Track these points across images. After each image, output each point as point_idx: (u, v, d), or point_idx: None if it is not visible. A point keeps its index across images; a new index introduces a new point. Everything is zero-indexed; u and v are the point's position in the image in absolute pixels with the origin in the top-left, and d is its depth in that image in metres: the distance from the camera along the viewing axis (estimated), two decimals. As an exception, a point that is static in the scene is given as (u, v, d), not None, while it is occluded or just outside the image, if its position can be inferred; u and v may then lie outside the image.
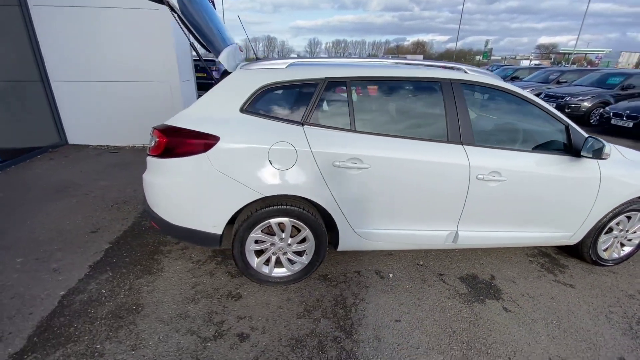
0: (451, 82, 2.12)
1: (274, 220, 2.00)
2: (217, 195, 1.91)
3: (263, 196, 1.90)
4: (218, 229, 1.97)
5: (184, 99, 5.33)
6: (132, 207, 3.23)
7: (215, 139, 1.83)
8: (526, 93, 2.26)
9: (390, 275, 2.41)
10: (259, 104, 1.95)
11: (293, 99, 2.01)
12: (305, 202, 2.04)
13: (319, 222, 2.05)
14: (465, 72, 2.22)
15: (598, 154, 2.11)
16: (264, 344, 1.77)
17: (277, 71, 1.99)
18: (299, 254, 2.17)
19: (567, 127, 2.26)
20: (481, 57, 42.63)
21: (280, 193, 1.91)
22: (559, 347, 1.84)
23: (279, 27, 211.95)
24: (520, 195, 2.23)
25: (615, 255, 2.66)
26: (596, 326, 2.02)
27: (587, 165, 2.26)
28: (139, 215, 3.08)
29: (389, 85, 2.15)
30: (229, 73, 2.91)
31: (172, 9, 1.79)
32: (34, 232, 2.70)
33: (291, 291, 2.18)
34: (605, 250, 2.61)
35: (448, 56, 53.01)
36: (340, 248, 2.22)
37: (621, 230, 2.57)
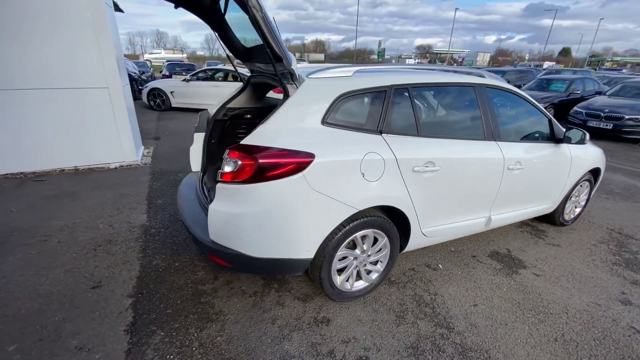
0: (481, 86, 2.40)
1: (359, 234, 1.95)
2: (313, 216, 1.74)
3: (357, 211, 1.82)
4: (310, 253, 1.81)
5: (127, 107, 4.46)
6: (124, 247, 2.61)
7: (311, 156, 1.66)
8: (524, 93, 2.72)
9: (440, 266, 2.60)
10: (338, 114, 1.84)
11: (366, 108, 1.97)
12: (384, 211, 2.04)
13: (394, 228, 2.08)
14: (484, 77, 2.54)
15: (582, 140, 2.71)
16: (384, 358, 1.73)
17: (348, 79, 1.91)
18: (374, 263, 2.16)
19: (550, 120, 2.81)
20: (376, 56, 47.19)
21: (373, 205, 1.87)
22: (586, 295, 2.33)
23: (168, 21, 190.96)
24: (530, 179, 2.68)
25: (572, 216, 3.44)
26: (593, 272, 2.62)
27: (564, 150, 2.87)
28: (141, 255, 2.52)
29: (439, 90, 2.30)
30: (250, 80, 2.65)
31: (251, 9, 1.52)
32: (7, 306, 1.95)
33: (370, 302, 2.15)
34: (567, 213, 3.35)
35: (349, 55, 57.03)
36: (406, 250, 2.29)
37: (577, 197, 3.34)
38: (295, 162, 1.64)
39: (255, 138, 1.67)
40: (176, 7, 2.34)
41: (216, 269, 2.40)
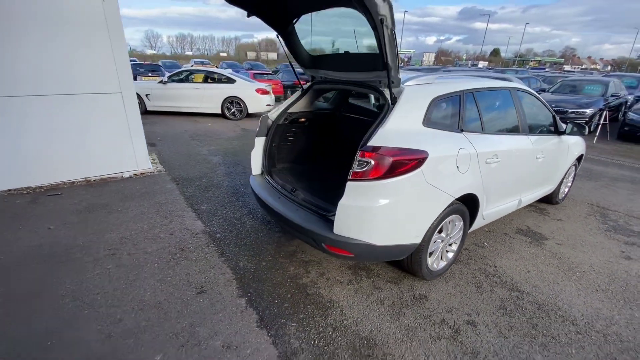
0: (514, 89, 2.87)
1: (447, 219, 2.26)
2: (425, 206, 2.02)
3: (454, 199, 2.14)
4: (419, 239, 2.08)
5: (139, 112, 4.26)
6: (200, 253, 2.62)
7: (426, 153, 1.93)
8: (536, 93, 3.26)
9: (486, 244, 3.03)
10: (432, 116, 2.14)
11: (449, 110, 2.28)
12: (462, 198, 2.38)
13: (467, 213, 2.44)
14: (512, 82, 3.01)
15: (581, 131, 3.32)
16: (486, 319, 2.07)
17: (435, 85, 2.22)
18: (450, 245, 2.50)
19: (554, 116, 3.41)
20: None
21: (464, 193, 2.19)
22: (598, 255, 2.92)
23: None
24: (546, 166, 3.24)
25: (563, 196, 4.15)
26: (595, 238, 3.25)
27: (564, 139, 3.49)
28: (223, 258, 2.56)
29: (491, 94, 2.70)
30: (313, 86, 2.82)
31: (385, 28, 1.71)
32: (123, 320, 1.92)
33: (449, 279, 2.49)
34: (560, 193, 4.03)
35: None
36: (469, 232, 2.67)
37: (567, 179, 4.04)
38: (416, 159, 1.90)
39: (379, 139, 1.89)
40: (249, 16, 2.44)
41: (304, 264, 2.55)
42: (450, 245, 2.51)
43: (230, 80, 9.03)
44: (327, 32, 2.54)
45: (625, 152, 7.06)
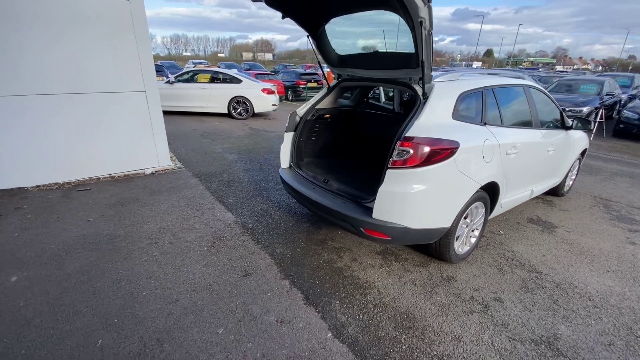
0: (527, 86, 3.07)
1: (472, 206, 2.45)
2: (455, 192, 2.20)
3: (480, 186, 2.32)
4: (449, 222, 2.26)
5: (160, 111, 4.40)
6: (237, 241, 2.77)
7: (457, 143, 2.11)
8: (546, 90, 3.47)
9: (501, 232, 3.23)
10: (459, 110, 2.32)
11: (473, 105, 2.47)
12: (486, 186, 2.57)
13: (489, 200, 2.62)
14: (525, 79, 3.22)
15: (586, 126, 3.54)
16: (511, 296, 2.25)
17: (460, 82, 2.40)
18: (473, 230, 2.68)
19: (561, 112, 3.62)
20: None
21: (488, 181, 2.38)
22: (606, 241, 3.13)
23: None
24: (555, 159, 3.45)
25: (567, 188, 4.37)
26: (601, 226, 3.47)
27: (570, 134, 3.70)
28: (260, 246, 2.72)
29: (508, 90, 2.89)
30: (340, 84, 2.98)
31: (424, 29, 1.88)
32: (179, 300, 2.06)
33: (472, 262, 2.67)
34: (566, 185, 4.25)
35: (299, 55, 57.54)
36: (489, 218, 2.86)
37: (572, 172, 4.26)
38: (449, 149, 2.08)
39: (416, 130, 2.06)
40: (283, 17, 2.61)
41: (335, 250, 2.72)
42: (473, 231, 2.69)
43: (237, 81, 9.17)
44: (356, 32, 2.70)
45: (622, 148, 7.35)
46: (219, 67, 17.69)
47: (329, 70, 3.23)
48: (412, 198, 2.07)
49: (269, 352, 1.73)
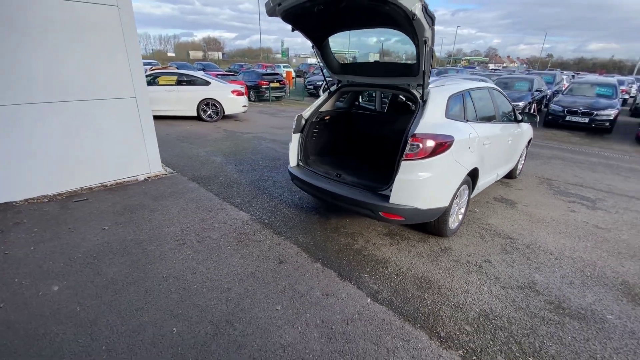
0: (491, 88, 3.73)
1: (461, 188, 2.99)
2: (452, 176, 2.70)
3: (468, 171, 2.86)
4: (447, 202, 2.76)
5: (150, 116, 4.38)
6: (261, 235, 3.02)
7: (453, 138, 2.61)
8: (501, 90, 4.19)
9: (476, 210, 3.86)
10: (449, 110, 2.83)
11: (457, 105, 3.00)
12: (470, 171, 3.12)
13: (471, 183, 3.20)
14: (487, 82, 3.88)
15: (532, 119, 4.34)
16: (496, 257, 2.83)
17: (447, 86, 2.91)
18: (459, 208, 3.24)
19: (514, 108, 4.39)
20: (281, 55, 48.42)
21: (472, 167, 2.93)
22: (556, 212, 3.92)
23: None
24: (512, 147, 4.19)
25: (519, 171, 5.24)
26: (549, 200, 4.29)
27: (521, 126, 4.50)
28: (282, 237, 3.00)
29: (477, 91, 3.48)
30: (341, 88, 3.35)
31: (427, 46, 2.31)
32: (231, 289, 2.28)
33: (460, 235, 3.23)
34: (518, 169, 5.10)
35: (251, 54, 56.56)
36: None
37: (521, 158, 5.12)
38: (448, 142, 2.57)
39: (424, 128, 2.52)
40: (293, 30, 2.91)
41: (350, 235, 3.09)
42: (460, 209, 3.25)
43: (205, 82, 9.07)
44: (356, 44, 3.10)
45: (551, 136, 8.74)
46: (175, 67, 16.98)
47: (289, 70, 3.60)
48: (422, 183, 2.52)
49: (325, 318, 2.06)
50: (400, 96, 4.00)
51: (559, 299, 2.36)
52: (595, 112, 9.15)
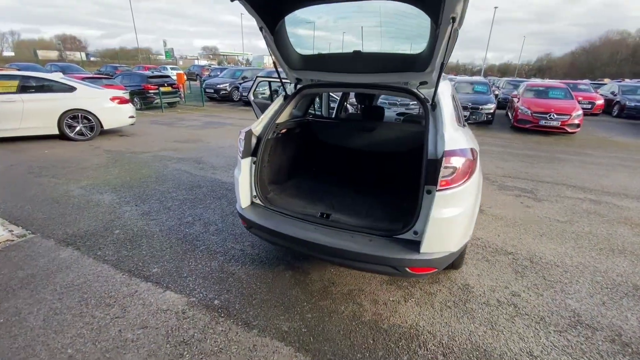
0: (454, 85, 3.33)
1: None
2: (478, 201, 2.07)
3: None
4: (471, 233, 2.12)
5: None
6: (217, 336, 1.82)
7: (477, 151, 1.98)
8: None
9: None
10: (455, 115, 2.20)
11: (456, 108, 2.40)
12: None
13: None
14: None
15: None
16: (521, 288, 2.38)
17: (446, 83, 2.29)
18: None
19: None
20: (165, 56, 42.72)
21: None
22: (508, 208, 3.86)
23: None
24: None
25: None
26: (505, 197, 4.26)
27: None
28: (255, 331, 1.87)
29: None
30: (301, 90, 2.43)
31: (455, 20, 1.54)
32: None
33: (466, 261, 2.70)
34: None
35: (126, 55, 47.92)
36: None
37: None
38: (475, 157, 1.91)
39: (454, 142, 1.79)
40: (232, 0, 1.83)
41: (347, 296, 2.18)
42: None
43: (68, 88, 6.61)
44: (327, 26, 2.18)
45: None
46: (17, 69, 12.60)
47: (180, 72, 2.58)
48: (461, 219, 1.81)
49: None
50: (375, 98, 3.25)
51: (611, 329, 2.00)
52: (480, 107, 10.49)
